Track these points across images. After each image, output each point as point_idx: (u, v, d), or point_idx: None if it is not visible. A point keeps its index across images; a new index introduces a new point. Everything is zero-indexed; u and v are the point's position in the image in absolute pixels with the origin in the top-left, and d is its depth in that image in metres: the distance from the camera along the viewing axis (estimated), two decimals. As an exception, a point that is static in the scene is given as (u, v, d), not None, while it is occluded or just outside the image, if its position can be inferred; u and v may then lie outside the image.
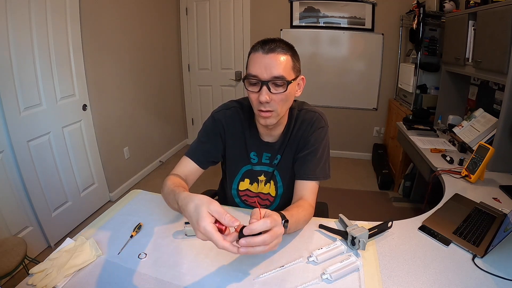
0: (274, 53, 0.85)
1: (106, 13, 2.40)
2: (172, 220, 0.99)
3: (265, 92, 0.85)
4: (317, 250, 0.82)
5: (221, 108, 1.05)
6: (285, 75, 0.86)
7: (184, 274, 0.76)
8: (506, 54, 1.44)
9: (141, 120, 2.99)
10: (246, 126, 1.03)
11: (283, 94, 0.87)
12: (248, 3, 3.38)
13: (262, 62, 0.85)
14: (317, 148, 0.99)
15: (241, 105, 1.05)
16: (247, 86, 0.89)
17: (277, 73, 0.85)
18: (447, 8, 2.44)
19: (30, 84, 1.80)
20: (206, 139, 1.03)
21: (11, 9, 1.64)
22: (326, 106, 3.53)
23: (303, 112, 1.02)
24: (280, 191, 1.08)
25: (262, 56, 0.85)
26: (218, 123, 1.02)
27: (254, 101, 0.89)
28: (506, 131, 1.49)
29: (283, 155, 1.03)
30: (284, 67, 0.86)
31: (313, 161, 0.98)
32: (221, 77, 3.70)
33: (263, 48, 0.85)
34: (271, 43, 0.86)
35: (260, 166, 1.06)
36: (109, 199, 2.60)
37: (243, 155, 1.06)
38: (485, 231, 0.96)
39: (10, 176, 1.72)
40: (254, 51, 0.88)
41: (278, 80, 0.85)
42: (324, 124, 1.02)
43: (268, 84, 0.85)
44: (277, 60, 0.85)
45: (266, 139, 1.03)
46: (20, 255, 1.29)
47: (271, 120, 0.91)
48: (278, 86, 0.86)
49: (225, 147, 1.05)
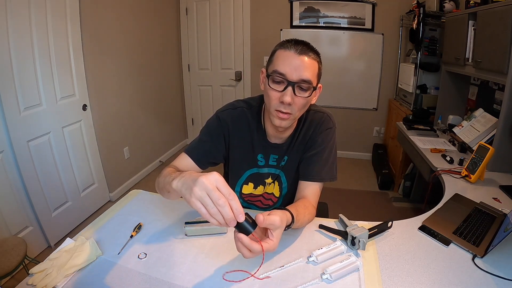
0: (306, 55, 0.82)
1: (106, 13, 2.40)
2: (172, 220, 0.99)
3: (290, 93, 0.82)
4: (317, 250, 0.82)
5: (227, 108, 1.00)
6: (312, 80, 0.84)
7: (184, 274, 0.76)
8: (506, 54, 1.44)
9: (141, 120, 2.99)
10: (254, 127, 0.99)
11: (305, 99, 0.85)
12: (248, 3, 3.38)
13: (293, 62, 0.81)
14: (324, 149, 0.98)
15: (248, 105, 1.00)
16: (270, 83, 0.85)
17: (306, 77, 0.82)
18: (447, 8, 2.44)
19: (30, 84, 1.80)
20: (208, 139, 0.98)
21: (11, 9, 1.64)
22: (326, 106, 3.52)
23: (311, 113, 1.00)
24: (284, 191, 1.07)
25: (294, 55, 0.82)
26: (223, 123, 0.98)
27: (273, 99, 0.85)
28: (506, 131, 1.49)
29: (290, 156, 1.01)
30: (312, 72, 0.83)
31: (319, 162, 0.97)
32: (221, 77, 3.70)
33: (296, 48, 0.82)
34: (303, 44, 0.83)
35: (268, 168, 1.04)
36: (109, 199, 2.60)
37: (248, 158, 1.02)
38: (485, 231, 0.96)
39: (10, 176, 1.72)
40: (284, 48, 0.84)
41: (305, 84, 0.83)
42: (332, 125, 1.01)
43: (295, 86, 0.82)
44: (308, 64, 0.82)
45: (273, 140, 1.00)
46: (20, 255, 1.29)
47: (286, 122, 0.88)
48: (303, 90, 0.84)
49: (229, 148, 1.01)
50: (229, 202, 0.57)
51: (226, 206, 0.56)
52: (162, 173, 0.83)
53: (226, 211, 0.56)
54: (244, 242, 0.62)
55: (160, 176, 0.82)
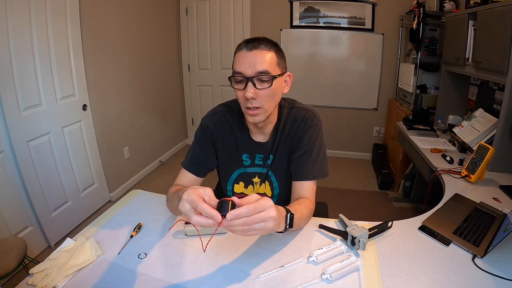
0: (257, 49, 0.86)
1: (106, 13, 2.40)
2: (172, 220, 0.99)
3: (250, 88, 0.85)
4: (317, 250, 0.82)
5: (208, 114, 1.05)
6: (270, 70, 0.86)
7: (184, 274, 0.76)
8: (506, 54, 1.44)
9: (141, 120, 2.99)
10: (236, 128, 1.03)
11: (269, 89, 0.87)
12: (248, 3, 3.38)
13: (246, 59, 0.85)
14: (312, 147, 0.98)
15: (229, 108, 1.04)
16: (234, 85, 0.89)
17: (261, 68, 0.85)
18: (447, 8, 2.43)
19: (30, 84, 1.81)
20: (199, 149, 1.03)
21: (11, 9, 1.64)
22: (326, 106, 3.54)
23: (294, 110, 1.02)
24: (276, 191, 1.07)
25: (246, 53, 0.86)
26: (206, 129, 1.03)
27: (240, 98, 0.90)
28: (506, 131, 1.49)
29: (276, 155, 1.03)
30: (268, 63, 0.86)
31: (309, 160, 0.97)
32: (221, 77, 3.70)
33: (247, 46, 0.86)
34: (254, 41, 0.87)
35: (254, 168, 1.06)
36: (109, 199, 2.60)
37: (235, 158, 1.05)
38: (485, 231, 0.96)
39: (10, 176, 1.72)
40: (238, 49, 0.89)
41: (263, 75, 0.85)
42: (318, 122, 1.01)
43: (253, 79, 0.85)
44: (261, 56, 0.86)
45: (257, 138, 1.03)
46: (20, 255, 1.29)
47: (259, 117, 0.90)
48: (263, 81, 0.86)
49: (216, 151, 1.05)
50: (203, 198, 0.63)
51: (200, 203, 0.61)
52: (168, 196, 0.94)
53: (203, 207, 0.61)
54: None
55: (168, 200, 0.95)
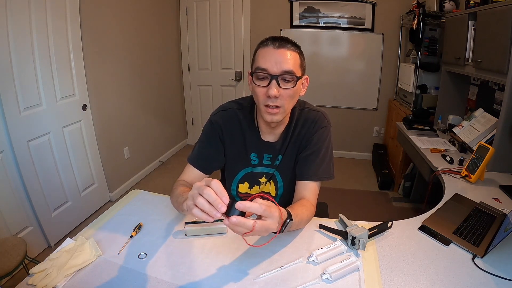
0: (284, 48, 0.85)
1: (106, 13, 2.40)
2: (172, 220, 0.99)
3: (274, 86, 0.84)
4: (317, 250, 0.82)
5: (218, 110, 1.03)
6: (295, 70, 0.86)
7: (184, 274, 0.76)
8: (506, 54, 1.44)
9: (141, 120, 2.99)
10: (246, 126, 1.01)
11: (291, 89, 0.86)
12: (248, 3, 3.38)
13: (272, 57, 0.84)
14: (319, 148, 0.98)
15: (239, 106, 1.03)
16: (255, 81, 0.88)
17: (287, 68, 0.84)
18: (447, 8, 2.44)
19: (30, 84, 1.80)
20: (207, 144, 1.01)
21: (11, 9, 1.64)
22: (326, 106, 3.53)
23: (305, 111, 1.01)
24: (281, 191, 1.07)
25: (273, 50, 0.84)
26: (215, 125, 1.01)
27: (261, 96, 0.87)
28: (506, 131, 1.49)
29: (284, 155, 1.02)
30: (293, 63, 0.86)
31: (315, 161, 0.97)
32: (221, 77, 3.70)
33: (274, 43, 0.85)
34: (280, 39, 0.86)
35: (261, 167, 1.05)
36: (109, 199, 2.60)
37: (242, 157, 1.04)
38: (485, 231, 0.96)
39: (10, 176, 1.72)
40: (263, 46, 0.87)
41: (288, 75, 0.85)
42: (327, 124, 1.01)
43: (278, 78, 0.84)
44: (287, 55, 0.85)
45: (267, 138, 1.02)
46: (20, 255, 1.29)
47: (277, 116, 0.89)
48: (287, 81, 0.86)
49: (224, 148, 1.04)
50: (213, 189, 0.61)
51: (210, 193, 0.61)
52: (174, 193, 0.91)
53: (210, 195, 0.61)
54: (239, 221, 0.61)
55: (172, 196, 0.92)
